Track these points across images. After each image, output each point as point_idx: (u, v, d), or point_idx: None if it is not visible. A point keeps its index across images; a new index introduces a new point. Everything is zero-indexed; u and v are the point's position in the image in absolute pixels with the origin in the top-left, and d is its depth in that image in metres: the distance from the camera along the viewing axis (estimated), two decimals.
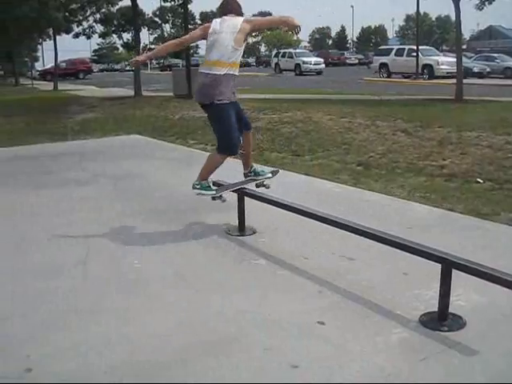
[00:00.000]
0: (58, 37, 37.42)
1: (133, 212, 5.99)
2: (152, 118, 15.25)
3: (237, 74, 4.93)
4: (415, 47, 33.07)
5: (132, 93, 23.30)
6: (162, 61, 75.13)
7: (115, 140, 11.61)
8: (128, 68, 66.13)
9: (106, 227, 5.49)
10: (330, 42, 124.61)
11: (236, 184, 5.31)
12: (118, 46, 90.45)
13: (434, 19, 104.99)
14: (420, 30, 41.63)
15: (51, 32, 38.08)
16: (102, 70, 77.35)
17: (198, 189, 5.07)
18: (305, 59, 44.80)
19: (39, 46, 58.16)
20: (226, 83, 4.83)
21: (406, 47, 36.57)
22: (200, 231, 5.25)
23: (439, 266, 3.35)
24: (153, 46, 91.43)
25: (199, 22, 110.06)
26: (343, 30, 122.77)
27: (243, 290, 3.91)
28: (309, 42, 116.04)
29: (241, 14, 5.12)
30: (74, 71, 53.45)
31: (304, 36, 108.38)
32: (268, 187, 5.45)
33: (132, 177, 7.70)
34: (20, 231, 5.44)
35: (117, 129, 13.25)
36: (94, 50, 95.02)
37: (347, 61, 62.60)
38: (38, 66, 65.14)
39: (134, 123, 14.20)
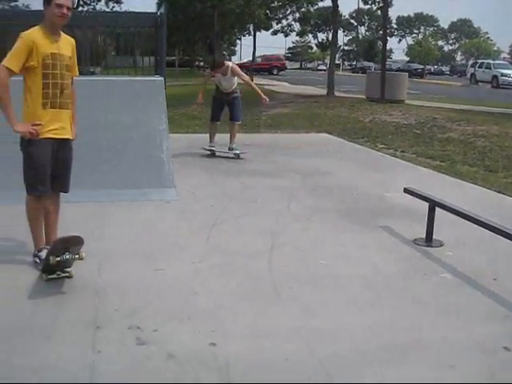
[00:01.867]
0: (257, 33, 39.01)
1: (321, 208, 6.13)
2: (342, 118, 15.34)
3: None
4: None
5: (324, 92, 23.50)
6: (354, 62, 75.21)
7: (305, 136, 11.90)
8: (320, 68, 67.03)
9: (294, 220, 5.68)
10: None
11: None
12: (313, 45, 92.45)
13: None
14: None
15: (251, 28, 39.74)
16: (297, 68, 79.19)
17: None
18: (503, 71, 42.39)
19: (238, 41, 60.78)
20: None
21: None
22: (387, 237, 5.24)
23: None
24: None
25: (395, 26, 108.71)
26: None
27: (426, 303, 3.85)
28: (509, 54, 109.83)
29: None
30: (268, 67, 55.03)
31: (504, 47, 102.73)
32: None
33: (320, 174, 7.86)
34: (212, 213, 5.79)
35: (307, 126, 13.55)
36: (289, 48, 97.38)
37: None
38: (235, 59, 68.11)
39: (325, 122, 14.42)
